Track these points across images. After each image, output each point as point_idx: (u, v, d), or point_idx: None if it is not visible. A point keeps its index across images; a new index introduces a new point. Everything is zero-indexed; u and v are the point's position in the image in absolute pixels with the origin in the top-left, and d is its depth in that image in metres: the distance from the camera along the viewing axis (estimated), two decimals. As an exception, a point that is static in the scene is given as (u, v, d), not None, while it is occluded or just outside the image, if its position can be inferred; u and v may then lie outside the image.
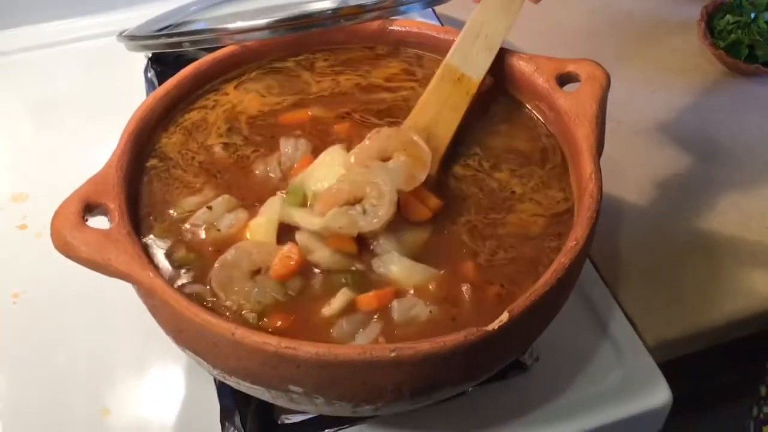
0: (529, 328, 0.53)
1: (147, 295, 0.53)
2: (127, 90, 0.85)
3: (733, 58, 0.89)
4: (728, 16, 0.91)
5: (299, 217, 0.55)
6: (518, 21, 0.66)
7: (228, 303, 0.52)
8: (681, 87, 0.90)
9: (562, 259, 0.51)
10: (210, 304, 0.52)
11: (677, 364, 0.69)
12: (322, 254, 0.54)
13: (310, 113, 0.64)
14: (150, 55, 0.87)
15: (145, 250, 0.54)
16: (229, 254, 0.54)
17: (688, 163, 0.82)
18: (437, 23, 0.93)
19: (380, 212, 0.54)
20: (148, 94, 0.85)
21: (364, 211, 0.54)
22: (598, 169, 0.57)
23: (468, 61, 0.64)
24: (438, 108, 0.63)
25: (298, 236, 0.55)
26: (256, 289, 0.52)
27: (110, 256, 0.51)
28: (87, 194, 0.54)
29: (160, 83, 0.84)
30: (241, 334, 0.48)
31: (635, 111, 0.86)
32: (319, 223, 0.54)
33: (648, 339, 0.68)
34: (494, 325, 0.48)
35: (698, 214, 0.77)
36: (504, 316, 0.48)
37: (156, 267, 0.53)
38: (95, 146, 0.77)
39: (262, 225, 0.56)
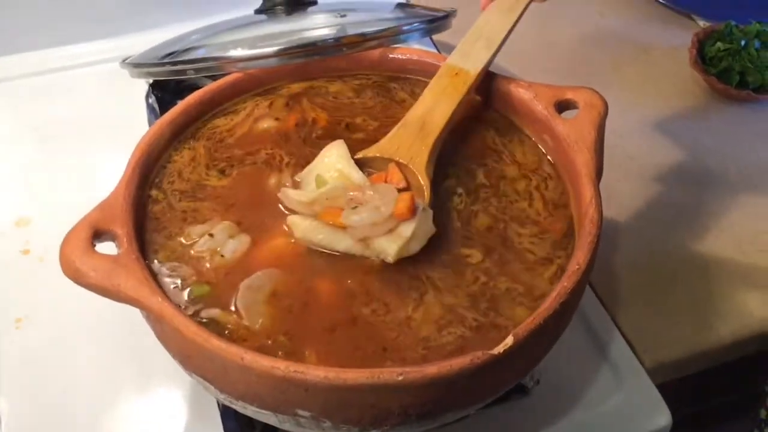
0: (533, 351, 0.54)
1: (156, 320, 0.53)
2: (128, 115, 0.86)
3: (724, 84, 0.91)
4: (719, 44, 0.93)
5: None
6: (508, 45, 0.67)
7: (250, 325, 0.53)
8: (673, 111, 0.92)
9: (565, 283, 0.52)
10: (227, 329, 0.53)
11: (676, 386, 0.70)
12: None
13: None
14: (151, 81, 0.88)
15: (154, 275, 0.54)
16: (255, 278, 0.55)
17: (681, 186, 0.83)
18: (434, 50, 0.95)
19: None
20: (149, 119, 0.86)
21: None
22: (597, 194, 0.58)
23: (467, 58, 0.66)
24: (434, 99, 0.64)
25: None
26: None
27: (119, 281, 0.52)
28: (95, 220, 0.55)
29: (161, 109, 0.86)
30: (250, 359, 0.48)
31: (628, 135, 0.88)
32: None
33: (647, 361, 0.69)
34: (499, 348, 0.49)
35: (693, 236, 0.78)
36: (509, 340, 0.49)
37: (165, 292, 0.53)
38: (98, 171, 0.79)
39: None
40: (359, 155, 0.62)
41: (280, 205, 0.60)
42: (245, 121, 0.67)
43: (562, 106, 0.65)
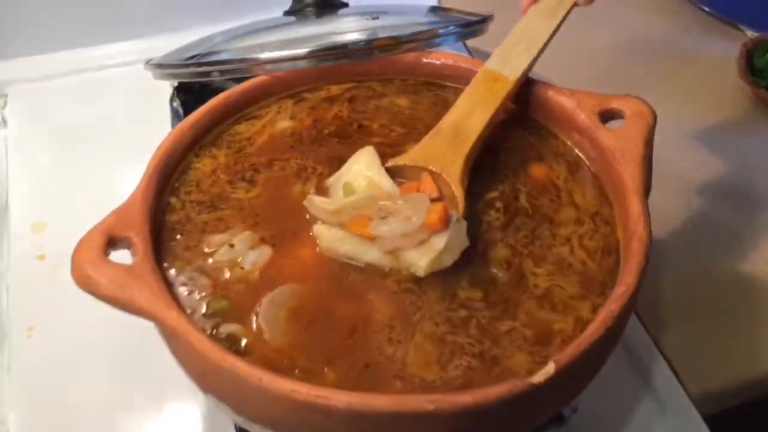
0: (576, 379, 0.49)
1: (170, 335, 0.50)
2: (151, 119, 0.83)
3: (775, 97, 0.87)
4: (769, 54, 0.88)
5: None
6: (545, 52, 0.64)
7: (271, 342, 0.50)
8: (720, 126, 0.88)
9: (612, 306, 0.48)
10: (246, 346, 0.49)
11: (724, 417, 0.65)
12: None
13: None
14: (176, 84, 0.85)
15: (170, 287, 0.51)
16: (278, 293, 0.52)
17: (728, 205, 0.79)
18: (468, 56, 0.91)
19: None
20: (173, 123, 0.83)
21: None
22: (646, 212, 0.54)
23: (506, 63, 0.63)
24: (470, 106, 0.61)
25: None
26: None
27: (133, 293, 0.49)
28: (111, 227, 0.52)
29: (185, 113, 0.83)
30: (268, 380, 0.45)
31: (671, 149, 0.83)
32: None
33: (692, 390, 0.64)
34: (540, 377, 0.45)
35: (740, 258, 0.74)
36: (550, 367, 0.45)
37: (181, 306, 0.50)
38: (118, 176, 0.76)
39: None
40: (390, 163, 0.59)
41: (307, 215, 0.56)
42: (267, 126, 0.64)
43: (607, 116, 0.61)
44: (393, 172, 0.58)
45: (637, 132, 0.58)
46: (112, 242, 0.51)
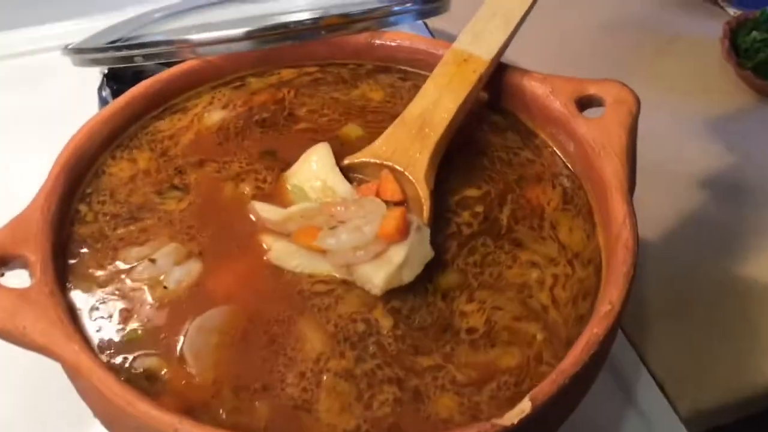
0: (555, 416, 0.42)
1: (72, 374, 0.42)
2: (78, 111, 0.73)
3: (762, 79, 0.80)
4: (755, 33, 0.82)
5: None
6: (518, 35, 0.56)
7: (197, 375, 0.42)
8: (703, 111, 0.81)
9: (595, 330, 0.41)
10: (167, 384, 0.42)
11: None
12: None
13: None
14: (105, 71, 0.76)
15: (73, 315, 0.43)
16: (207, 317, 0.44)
17: (713, 199, 0.72)
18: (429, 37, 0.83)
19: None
20: (100, 114, 0.74)
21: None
22: (632, 213, 0.47)
23: (478, 41, 0.55)
24: (437, 93, 0.53)
25: None
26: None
27: (26, 323, 0.41)
28: (2, 243, 0.44)
29: (116, 103, 0.74)
30: (186, 429, 0.37)
31: (651, 138, 0.76)
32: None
33: (682, 408, 0.58)
34: (513, 417, 0.38)
35: (731, 258, 0.67)
36: (526, 406, 0.38)
37: (85, 337, 0.42)
38: (29, 178, 0.66)
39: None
40: (347, 161, 0.51)
41: (250, 219, 0.49)
42: (195, 121, 0.55)
43: (585, 103, 0.54)
44: (352, 170, 0.51)
45: (617, 121, 0.51)
46: (2, 262, 0.43)
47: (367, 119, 0.56)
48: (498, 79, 0.56)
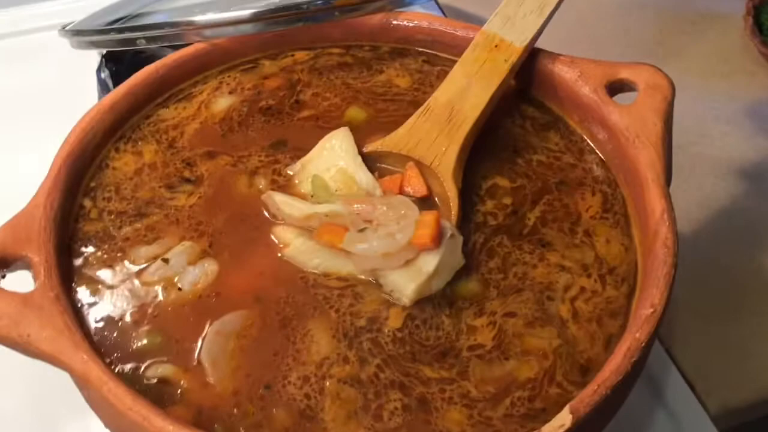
0: (592, 427, 0.40)
1: (80, 384, 0.39)
2: (76, 94, 0.70)
3: (787, 59, 0.77)
4: (780, 10, 0.79)
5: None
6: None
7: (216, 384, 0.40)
8: (726, 92, 0.78)
9: (637, 335, 0.39)
10: (180, 393, 0.39)
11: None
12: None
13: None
14: (104, 52, 0.73)
15: (80, 321, 0.40)
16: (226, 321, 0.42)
17: (742, 186, 0.69)
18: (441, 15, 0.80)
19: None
20: (100, 98, 0.71)
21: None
22: (670, 208, 0.44)
23: (510, 25, 0.52)
24: (466, 80, 0.50)
25: None
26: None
27: (30, 330, 0.38)
28: (2, 243, 0.41)
29: (115, 85, 0.71)
30: (203, 444, 0.35)
31: (675, 121, 0.74)
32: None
33: (711, 405, 0.56)
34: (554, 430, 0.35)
35: (763, 251, 0.64)
36: (566, 419, 0.36)
37: (94, 345, 0.39)
38: (26, 169, 0.63)
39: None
40: (368, 148, 0.48)
41: (266, 213, 0.46)
42: (203, 108, 0.52)
43: (615, 88, 0.51)
44: (373, 159, 0.48)
45: (652, 108, 0.49)
46: (4, 264, 0.40)
47: (377, 106, 0.53)
48: (525, 64, 0.53)
